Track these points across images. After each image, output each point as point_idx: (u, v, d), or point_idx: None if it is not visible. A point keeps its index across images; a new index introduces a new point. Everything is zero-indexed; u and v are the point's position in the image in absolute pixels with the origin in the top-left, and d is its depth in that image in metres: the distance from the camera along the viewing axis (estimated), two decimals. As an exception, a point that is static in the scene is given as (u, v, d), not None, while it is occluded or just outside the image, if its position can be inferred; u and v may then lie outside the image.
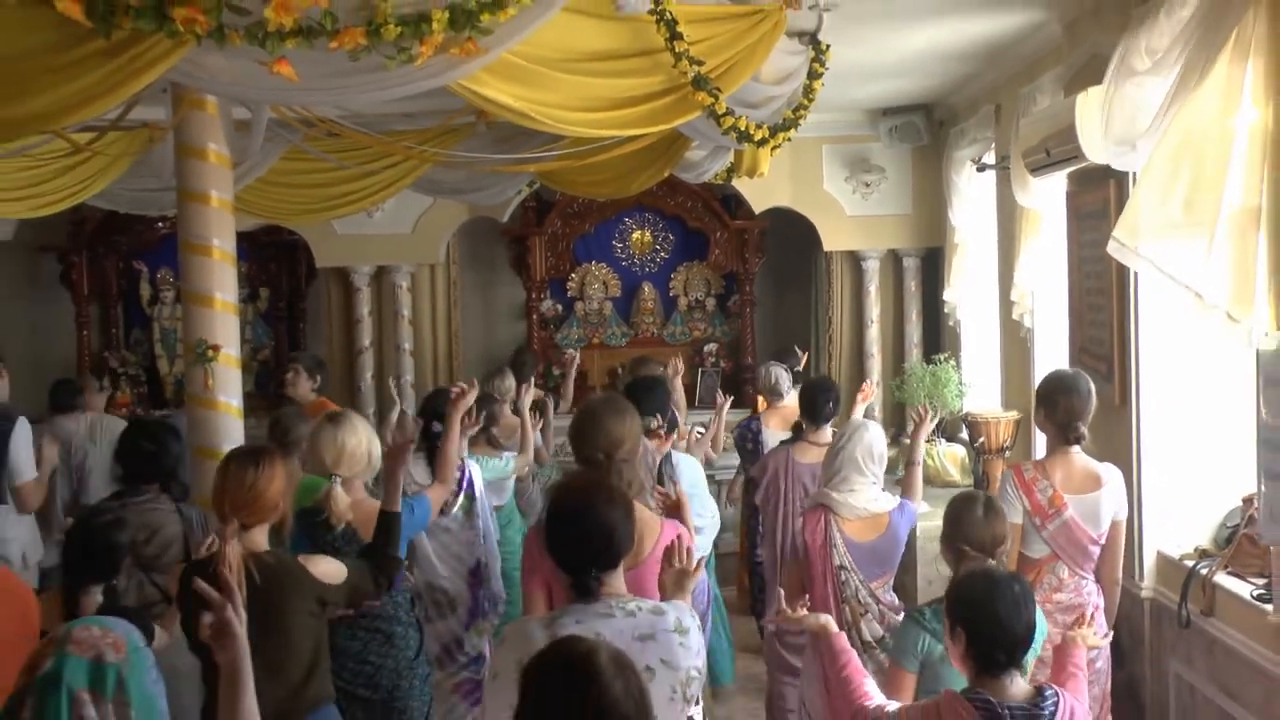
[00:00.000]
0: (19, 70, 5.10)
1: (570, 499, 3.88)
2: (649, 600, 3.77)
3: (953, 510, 4.76)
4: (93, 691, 2.90)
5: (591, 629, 3.49)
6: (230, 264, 6.77)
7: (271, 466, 4.68)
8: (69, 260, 12.76)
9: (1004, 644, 3.67)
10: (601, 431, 4.65)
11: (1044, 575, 5.61)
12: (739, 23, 6.19)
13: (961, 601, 3.78)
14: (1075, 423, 5.70)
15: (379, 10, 5.05)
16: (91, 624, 3.09)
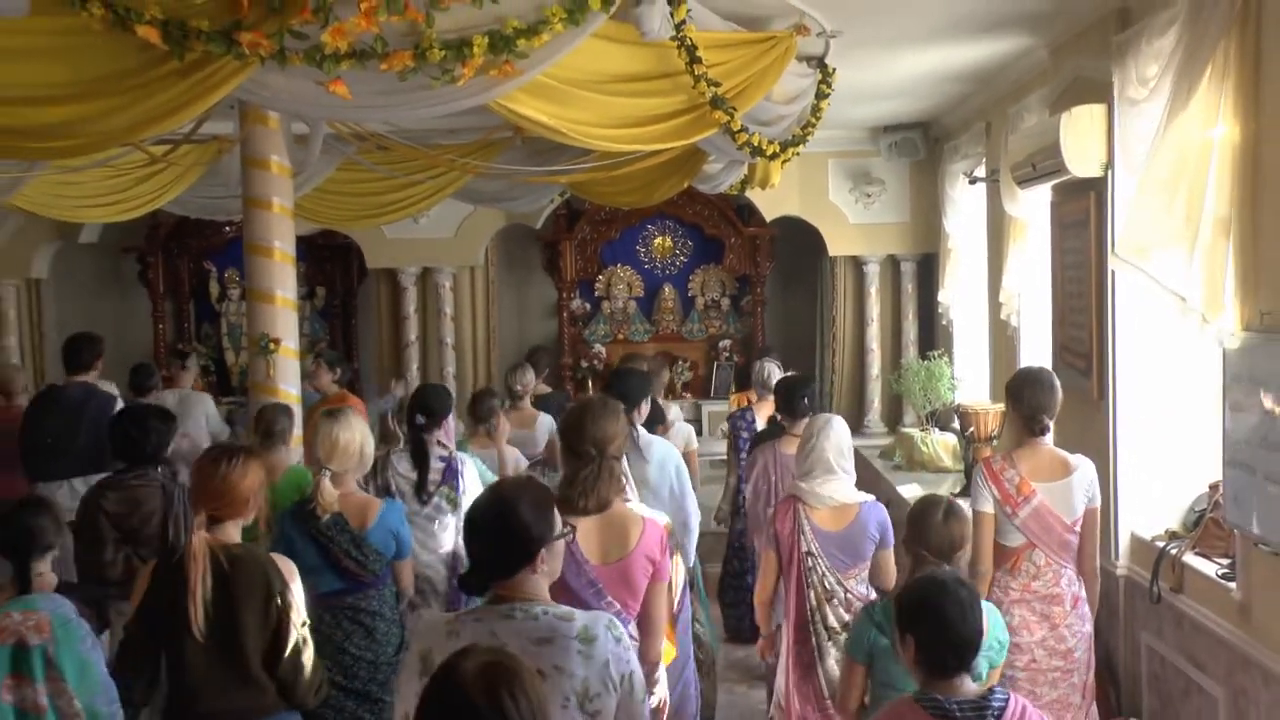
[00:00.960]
0: (105, 89, 5.12)
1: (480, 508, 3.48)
2: (563, 607, 3.35)
3: (915, 514, 4.53)
4: (17, 675, 2.78)
5: (488, 628, 3.24)
6: (290, 265, 6.80)
7: (244, 463, 4.37)
8: (146, 260, 12.86)
9: (953, 648, 3.43)
10: (594, 427, 4.41)
11: (1021, 563, 5.43)
12: (753, 48, 6.18)
13: (909, 609, 3.55)
14: (1039, 415, 5.51)
15: (425, 35, 5.05)
16: (12, 610, 2.94)
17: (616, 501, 4.36)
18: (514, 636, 3.19)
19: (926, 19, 7.09)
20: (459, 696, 2.36)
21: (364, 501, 5.37)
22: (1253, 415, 5.06)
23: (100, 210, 9.48)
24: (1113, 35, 6.21)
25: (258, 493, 4.42)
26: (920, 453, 10.37)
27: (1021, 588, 5.39)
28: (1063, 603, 5.41)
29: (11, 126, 5.29)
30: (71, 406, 7.89)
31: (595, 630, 3.27)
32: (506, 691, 2.38)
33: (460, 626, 3.29)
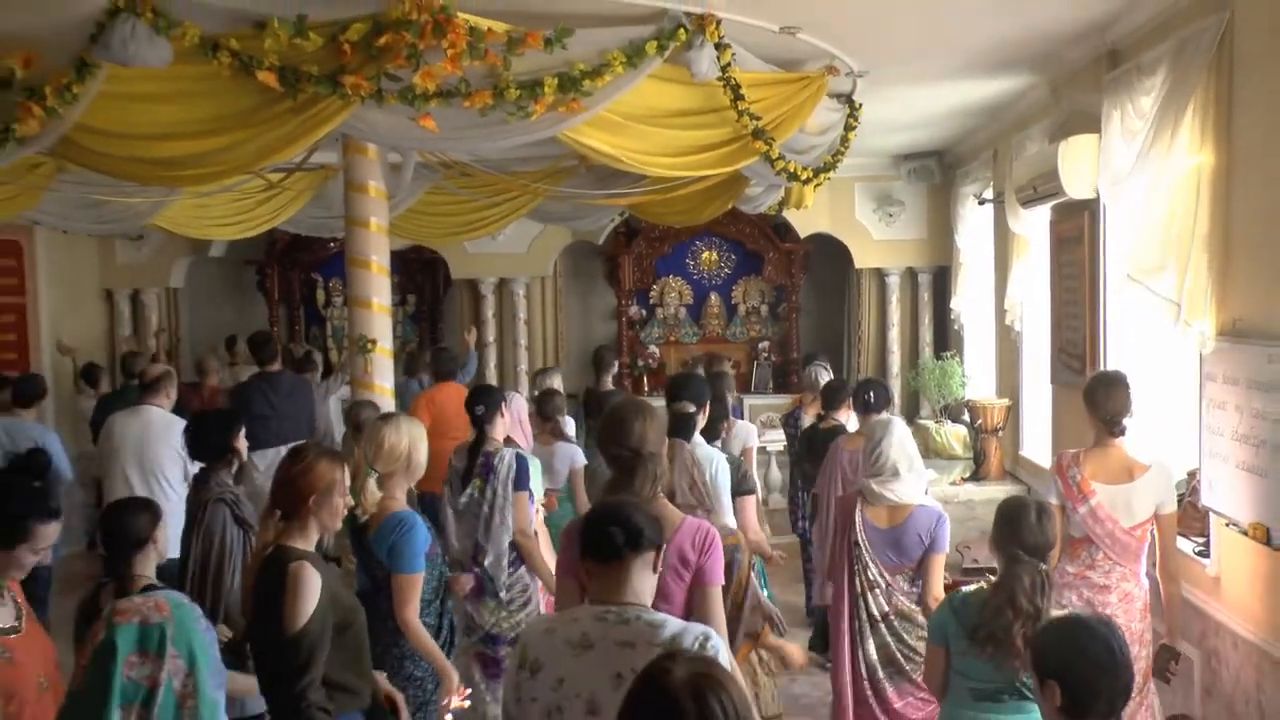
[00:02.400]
0: (231, 125, 5.22)
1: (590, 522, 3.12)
2: (658, 615, 3.02)
3: (1007, 515, 3.98)
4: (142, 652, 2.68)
5: (580, 628, 2.95)
6: (385, 276, 6.86)
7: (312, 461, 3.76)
8: (264, 272, 13.00)
9: (1102, 698, 2.80)
10: (625, 430, 3.93)
11: (1080, 552, 5.04)
12: (789, 86, 6.19)
13: (1050, 652, 2.90)
14: (1117, 417, 5.02)
15: (503, 78, 5.11)
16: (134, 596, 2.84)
17: (658, 501, 3.83)
18: (602, 638, 2.92)
19: (942, 61, 7.08)
20: (670, 707, 2.13)
21: (383, 507, 4.65)
22: (1226, 411, 5.04)
23: (227, 229, 9.64)
24: (1104, 74, 6.19)
25: (322, 494, 3.73)
26: (935, 442, 10.34)
27: (1075, 574, 5.06)
28: (1109, 594, 5.00)
29: (156, 158, 5.40)
30: (288, 387, 8.44)
31: (685, 639, 2.91)
32: (716, 698, 2.13)
33: (557, 624, 3.05)
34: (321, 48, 5.00)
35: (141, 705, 2.64)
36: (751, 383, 12.83)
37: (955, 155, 10.93)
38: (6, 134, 5.01)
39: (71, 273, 11.89)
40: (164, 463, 6.98)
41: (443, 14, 4.91)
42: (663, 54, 5.42)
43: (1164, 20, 5.65)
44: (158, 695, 2.65)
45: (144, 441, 7.02)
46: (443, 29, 4.91)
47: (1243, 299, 4.93)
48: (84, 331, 11.89)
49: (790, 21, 5.85)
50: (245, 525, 5.03)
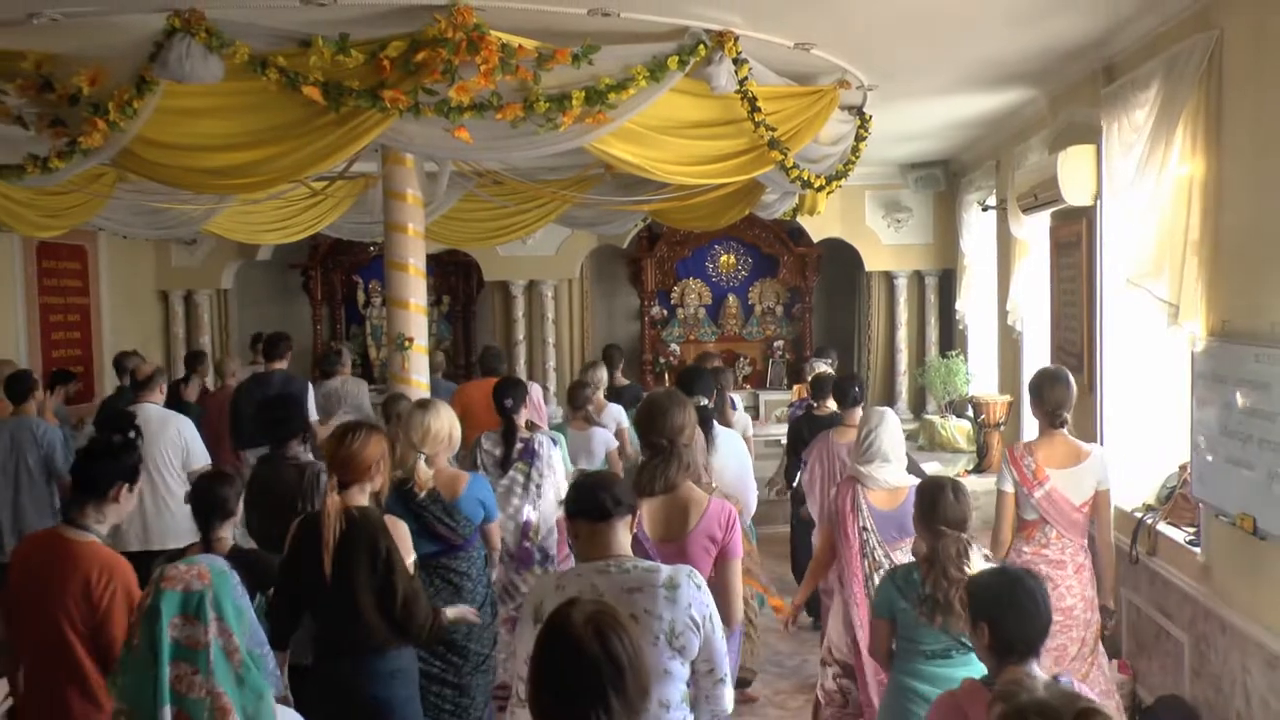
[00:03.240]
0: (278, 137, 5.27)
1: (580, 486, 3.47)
2: (648, 561, 3.35)
3: (928, 496, 4.21)
4: (185, 616, 2.81)
5: (588, 581, 3.20)
6: (422, 278, 6.88)
7: (366, 436, 4.25)
8: (308, 274, 13.07)
9: (1023, 636, 3.09)
10: (664, 419, 4.16)
11: (1034, 534, 5.23)
12: (804, 99, 6.19)
13: (983, 600, 3.19)
14: (1059, 410, 5.24)
15: (533, 91, 5.13)
16: (180, 564, 2.93)
17: (684, 484, 4.09)
18: (611, 587, 3.17)
19: (947, 76, 7.08)
20: (572, 638, 2.32)
21: (454, 475, 5.14)
22: (1215, 407, 5.04)
23: (273, 234, 9.69)
24: (1101, 88, 6.18)
25: (379, 463, 4.27)
26: (940, 435, 10.34)
27: (1032, 553, 5.24)
28: (1065, 568, 5.22)
29: (208, 168, 5.45)
30: (273, 388, 8.04)
31: (678, 579, 3.21)
32: (613, 632, 2.33)
33: (566, 581, 3.26)
34: (362, 64, 5.04)
35: (189, 662, 2.74)
36: (767, 379, 12.84)
37: (960, 164, 10.91)
38: (73, 146, 5.09)
39: (130, 275, 12.01)
40: (161, 458, 6.88)
41: (476, 32, 4.94)
42: (684, 69, 5.43)
43: (1156, 38, 5.64)
44: (208, 653, 2.76)
45: (143, 438, 6.76)
46: (476, 46, 4.94)
47: (1231, 301, 4.93)
48: (140, 330, 12.00)
49: (805, 38, 5.87)
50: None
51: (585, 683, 2.28)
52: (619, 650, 2.30)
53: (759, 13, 5.39)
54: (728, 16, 5.42)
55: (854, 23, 5.65)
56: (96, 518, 3.97)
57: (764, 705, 6.53)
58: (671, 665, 3.17)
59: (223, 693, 2.75)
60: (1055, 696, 2.33)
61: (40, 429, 7.20)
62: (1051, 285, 7.64)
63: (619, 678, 2.29)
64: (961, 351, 10.97)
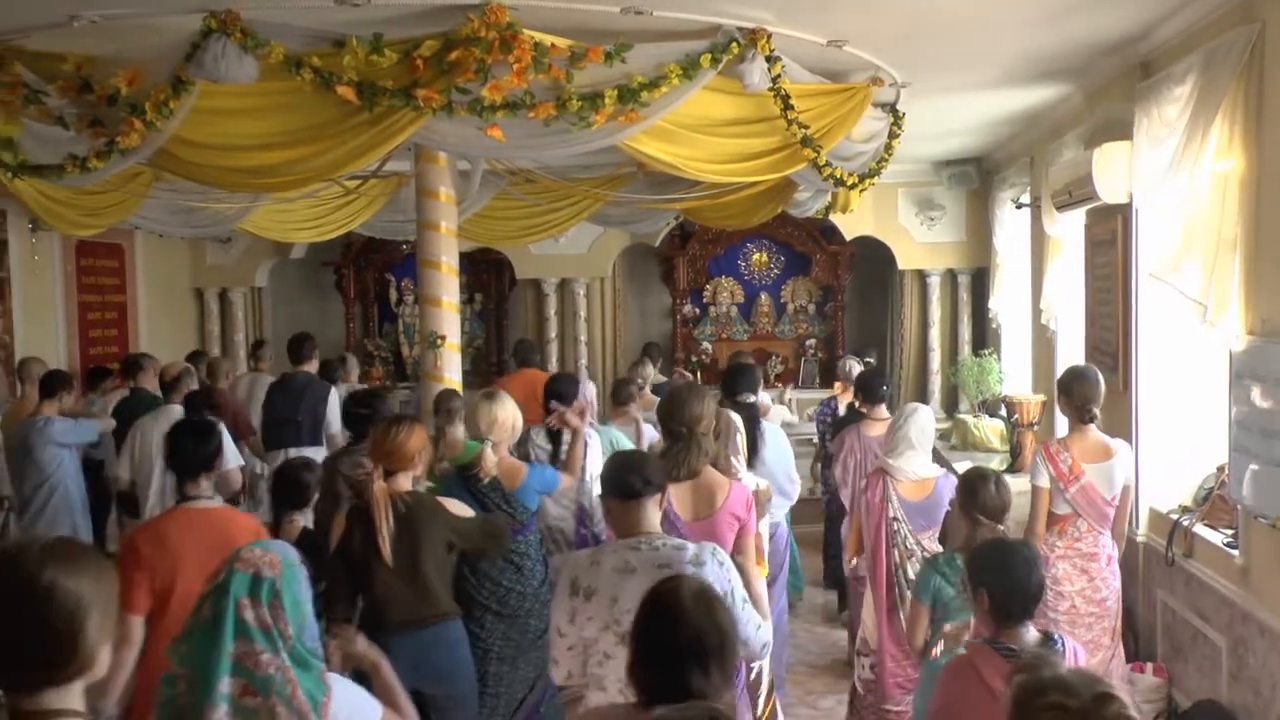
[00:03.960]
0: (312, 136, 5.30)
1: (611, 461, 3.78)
2: (675, 539, 3.57)
3: (969, 485, 4.43)
4: (252, 599, 2.91)
5: (621, 557, 3.43)
6: (454, 276, 6.91)
7: (410, 427, 4.63)
8: (341, 272, 13.10)
9: (1019, 599, 3.36)
10: (683, 410, 4.39)
11: (1068, 528, 5.38)
12: (836, 96, 6.17)
13: (981, 567, 3.48)
14: (1089, 405, 5.39)
15: (565, 90, 5.14)
16: (256, 547, 3.08)
17: (706, 469, 4.34)
18: (642, 563, 3.38)
19: (981, 73, 7.03)
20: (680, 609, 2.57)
21: (514, 466, 5.44)
22: (1254, 407, 4.96)
23: (307, 232, 9.76)
24: (1137, 83, 6.11)
25: (421, 452, 4.64)
26: (973, 435, 10.27)
27: (1066, 547, 5.38)
28: (1099, 560, 5.39)
29: (243, 167, 5.49)
30: (297, 390, 8.11)
31: (703, 556, 3.44)
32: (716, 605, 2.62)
33: (600, 556, 3.50)
34: (396, 63, 5.06)
35: (252, 640, 2.86)
36: (799, 378, 12.80)
37: (993, 162, 10.83)
38: (111, 146, 5.14)
39: (166, 273, 12.11)
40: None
41: (509, 31, 4.95)
42: (716, 67, 5.42)
43: (1195, 32, 5.57)
44: (270, 634, 2.88)
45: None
46: (509, 45, 4.95)
47: (1271, 300, 4.86)
48: (176, 328, 12.10)
49: (837, 36, 5.84)
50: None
51: (691, 648, 2.52)
52: (724, 622, 2.59)
53: (792, 10, 5.37)
54: (760, 14, 5.40)
55: (887, 20, 5.61)
56: (209, 489, 4.43)
57: (794, 704, 6.51)
58: None
59: (289, 666, 2.88)
60: (1076, 676, 2.38)
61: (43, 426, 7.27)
62: (1086, 283, 7.56)
63: (722, 646, 2.55)
64: (994, 350, 10.90)
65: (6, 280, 9.65)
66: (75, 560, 2.12)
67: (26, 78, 5.21)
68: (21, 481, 7.37)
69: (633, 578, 3.35)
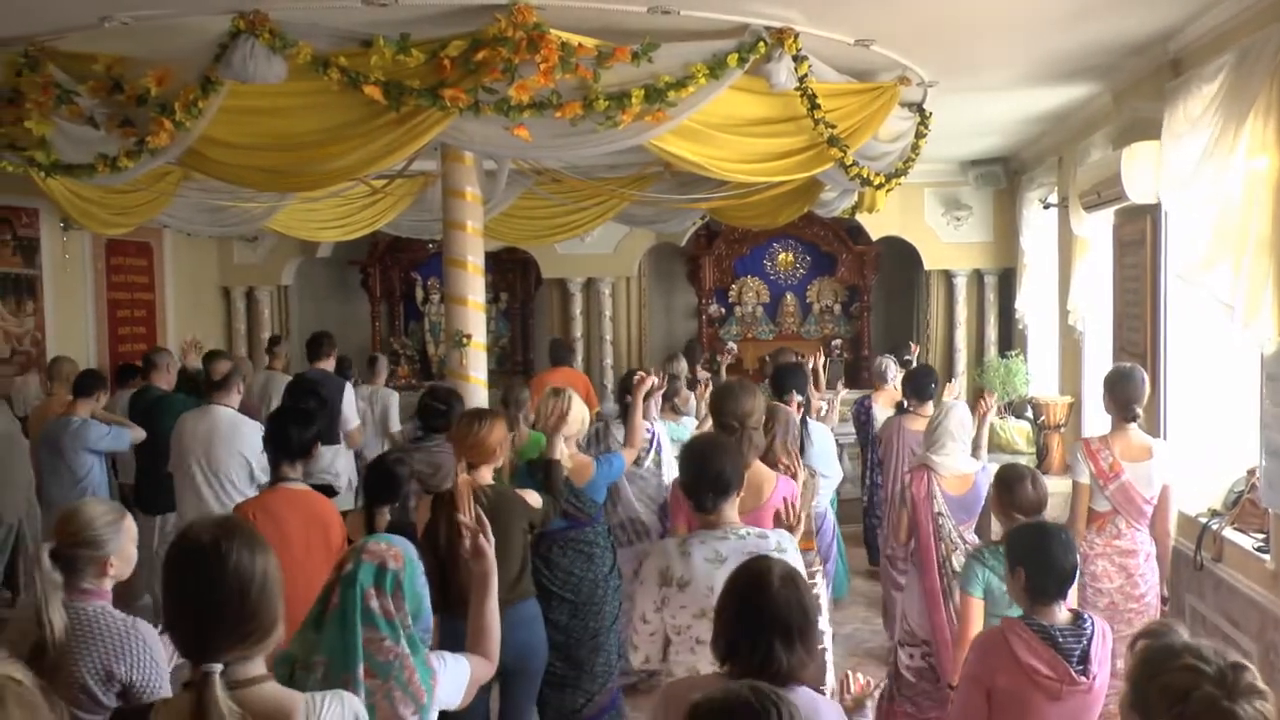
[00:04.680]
0: (339, 136, 5.32)
1: (692, 451, 3.99)
2: (757, 528, 3.87)
3: (1007, 482, 4.59)
4: (377, 589, 3.02)
5: (712, 548, 3.66)
6: (480, 275, 6.90)
7: (492, 422, 4.83)
8: (367, 271, 13.15)
9: (1054, 578, 3.58)
10: (735, 404, 4.65)
11: (1106, 525, 5.50)
12: (863, 96, 6.15)
13: (1019, 546, 3.70)
14: (1131, 405, 5.53)
15: (592, 90, 5.14)
16: (381, 540, 3.20)
17: (755, 463, 4.55)
18: (732, 552, 3.60)
19: (1010, 71, 6.98)
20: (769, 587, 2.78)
21: (583, 463, 5.65)
22: (1286, 409, 4.92)
23: (333, 231, 9.78)
24: (1166, 82, 6.06)
25: (501, 445, 4.86)
26: (999, 437, 10.19)
27: (1105, 544, 5.48)
28: (1137, 556, 5.47)
29: (270, 167, 5.52)
30: (311, 388, 8.05)
31: (785, 543, 3.77)
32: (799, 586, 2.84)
33: (690, 547, 3.72)
34: (423, 63, 5.08)
35: (377, 628, 3.00)
36: (824, 378, 12.74)
37: (1021, 161, 10.77)
38: (141, 146, 5.19)
39: (194, 272, 12.19)
40: (225, 464, 6.59)
41: (536, 31, 4.96)
42: (743, 66, 5.41)
43: (1227, 30, 5.52)
44: (393, 622, 3.02)
45: (210, 442, 6.61)
46: (536, 45, 4.96)
47: (1303, 301, 4.81)
48: (203, 326, 12.17)
49: (865, 35, 5.82)
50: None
51: (779, 621, 2.73)
52: (807, 602, 2.80)
53: (819, 9, 5.36)
54: (788, 13, 5.39)
55: (915, 19, 5.59)
56: (298, 472, 4.78)
57: (832, 696, 6.53)
58: None
59: (408, 654, 3.01)
60: (1208, 644, 2.43)
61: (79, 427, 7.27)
62: (1114, 284, 7.52)
63: (805, 624, 2.76)
64: (1021, 351, 10.83)
65: (38, 278, 9.76)
66: (264, 543, 2.44)
67: (59, 78, 5.26)
68: (49, 480, 7.35)
69: (724, 567, 3.49)
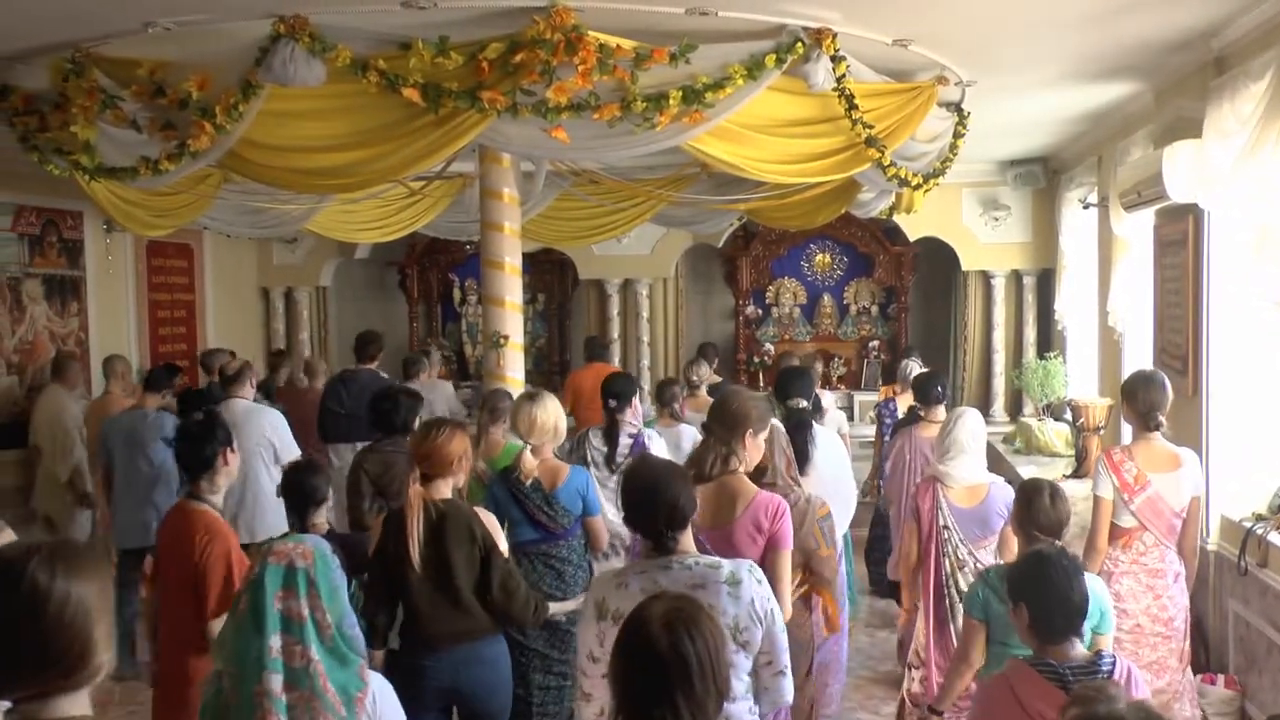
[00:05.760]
0: (378, 138, 5.37)
1: (634, 481, 3.40)
2: (710, 557, 3.31)
3: (1024, 498, 4.18)
4: (286, 589, 2.96)
5: (651, 579, 3.18)
6: (517, 276, 6.94)
7: (450, 431, 4.39)
8: (405, 272, 13.21)
9: (1060, 613, 3.19)
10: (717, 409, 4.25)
11: (1132, 542, 5.11)
12: (901, 96, 6.12)
13: (1018, 580, 3.32)
14: (1154, 412, 5.10)
15: (630, 91, 5.15)
16: (288, 540, 3.13)
17: (734, 475, 4.08)
18: (673, 584, 3.13)
19: (1049, 70, 6.93)
20: (645, 636, 2.29)
21: (556, 467, 5.27)
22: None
23: (371, 232, 9.86)
24: (1210, 80, 5.99)
25: (462, 458, 4.39)
26: (1037, 439, 10.13)
27: (1130, 562, 5.13)
28: (1165, 577, 5.13)
29: (310, 168, 5.57)
30: (361, 387, 8.19)
31: (740, 574, 3.21)
32: (685, 632, 2.27)
33: (627, 578, 3.26)
34: (461, 66, 5.11)
35: (291, 633, 2.91)
36: (861, 380, 12.71)
37: (1060, 161, 10.69)
38: (182, 149, 5.25)
39: (233, 273, 12.31)
40: (250, 451, 6.82)
41: (574, 33, 4.97)
42: (781, 67, 5.41)
43: (1273, 27, 5.44)
44: (305, 625, 2.93)
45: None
46: (574, 47, 4.97)
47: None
48: (242, 326, 12.29)
49: (903, 34, 5.79)
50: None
51: (653, 681, 2.25)
52: (689, 650, 2.26)
53: (857, 9, 5.34)
54: (825, 14, 5.37)
55: (953, 18, 5.56)
56: (210, 489, 4.43)
57: (855, 710, 6.47)
58: (736, 659, 3.15)
59: (319, 660, 2.93)
60: (1135, 713, 2.27)
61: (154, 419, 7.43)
62: (1155, 285, 7.44)
63: (687, 678, 2.24)
64: (1060, 353, 10.75)
65: (82, 279, 9.90)
66: (80, 564, 2.05)
67: (103, 83, 5.34)
68: (127, 469, 7.41)
69: None
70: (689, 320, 13.07)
